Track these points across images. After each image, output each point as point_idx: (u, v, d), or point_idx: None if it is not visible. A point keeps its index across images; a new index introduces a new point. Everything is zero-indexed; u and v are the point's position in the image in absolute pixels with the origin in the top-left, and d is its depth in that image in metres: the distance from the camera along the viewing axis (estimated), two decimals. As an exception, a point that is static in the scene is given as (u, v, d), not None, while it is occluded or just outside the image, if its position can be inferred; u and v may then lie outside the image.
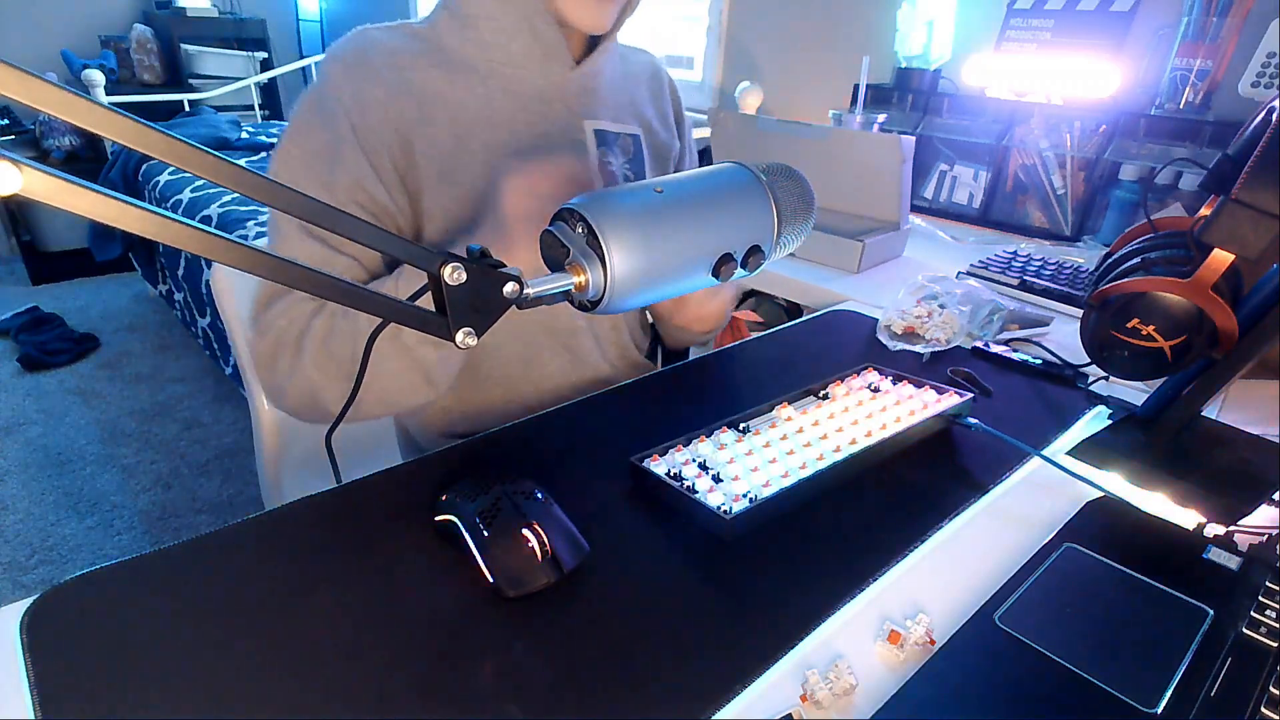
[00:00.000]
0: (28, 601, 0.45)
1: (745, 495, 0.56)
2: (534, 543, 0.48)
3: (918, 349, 0.85)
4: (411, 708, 0.40)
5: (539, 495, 0.52)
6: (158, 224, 0.31)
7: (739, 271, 0.47)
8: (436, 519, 0.52)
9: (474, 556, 0.48)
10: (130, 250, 2.75)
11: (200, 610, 0.45)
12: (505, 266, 0.41)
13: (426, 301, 0.41)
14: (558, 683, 0.42)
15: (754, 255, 0.47)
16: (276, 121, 3.40)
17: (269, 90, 3.43)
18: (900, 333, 0.88)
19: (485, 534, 0.48)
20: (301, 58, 3.40)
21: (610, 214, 0.42)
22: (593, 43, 0.75)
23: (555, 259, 0.44)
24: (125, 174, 2.69)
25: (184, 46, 3.18)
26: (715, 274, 0.46)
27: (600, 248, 0.42)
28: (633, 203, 0.44)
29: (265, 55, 3.36)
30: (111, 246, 2.73)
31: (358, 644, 0.44)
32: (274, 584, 0.48)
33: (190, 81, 3.16)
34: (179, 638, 0.43)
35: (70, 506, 1.77)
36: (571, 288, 0.43)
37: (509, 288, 0.40)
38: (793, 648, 0.45)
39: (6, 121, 2.94)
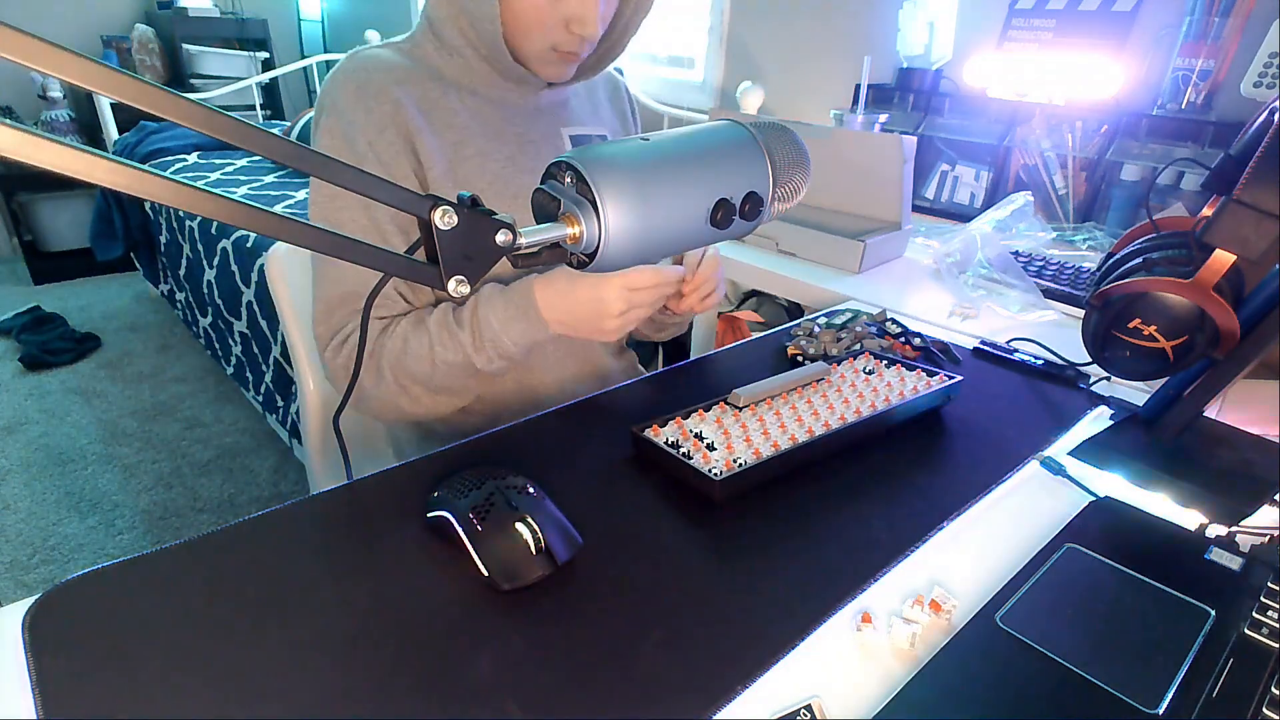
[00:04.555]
0: (30, 600, 0.45)
1: (735, 460, 0.58)
2: (527, 536, 0.48)
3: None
4: (411, 705, 0.40)
5: (531, 490, 0.52)
6: (130, 176, 0.30)
7: (739, 222, 0.46)
8: (429, 515, 0.52)
9: (468, 551, 0.48)
10: (132, 250, 2.75)
11: (201, 609, 0.46)
12: (497, 214, 0.41)
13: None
14: (556, 677, 0.42)
15: (752, 202, 0.46)
16: (277, 121, 3.41)
17: (270, 90, 3.44)
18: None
19: (479, 528, 0.49)
20: (303, 58, 3.40)
21: (599, 160, 0.42)
22: None
23: (547, 213, 0.44)
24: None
25: (185, 46, 3.18)
26: (714, 222, 0.45)
27: (591, 193, 0.41)
28: (621, 150, 0.43)
29: (267, 55, 3.36)
30: (113, 246, 2.73)
31: (358, 641, 0.44)
32: (275, 583, 0.48)
33: (192, 81, 3.16)
34: (180, 636, 0.43)
35: (72, 506, 1.78)
36: (565, 239, 0.43)
37: (501, 236, 0.40)
38: (794, 647, 0.45)
39: (9, 121, 2.94)
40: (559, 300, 0.68)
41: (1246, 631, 0.45)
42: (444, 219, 0.38)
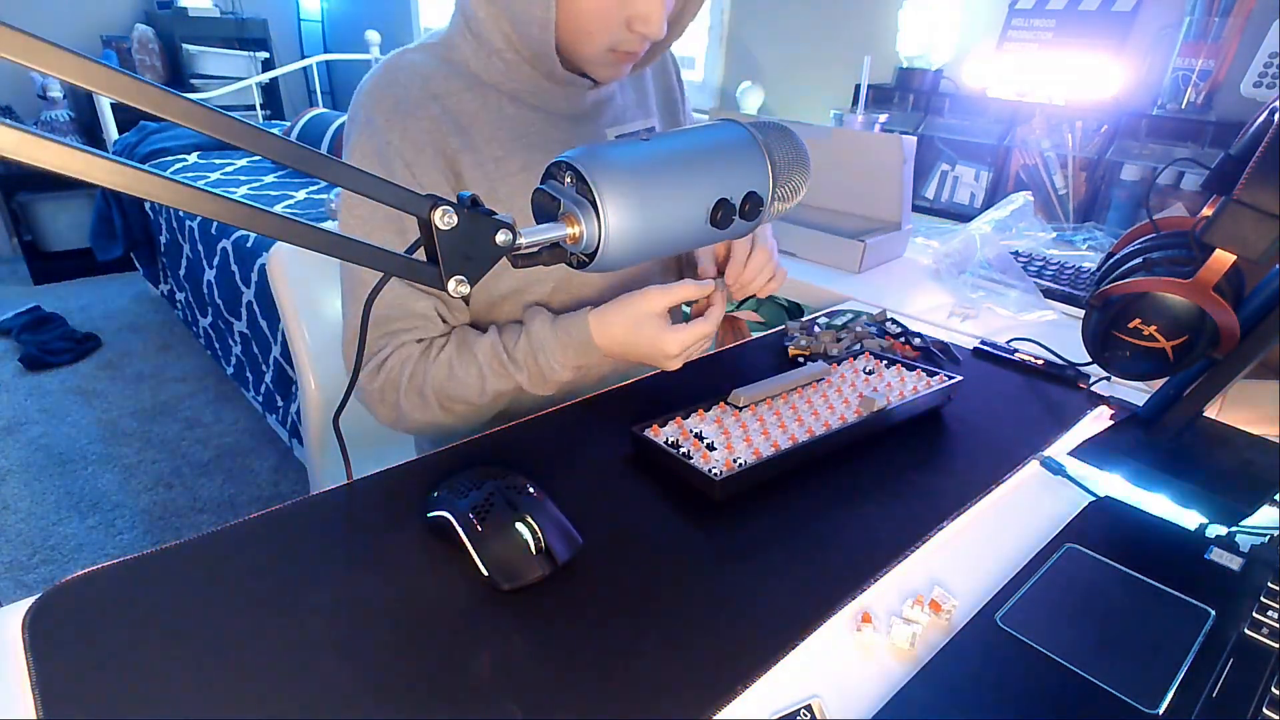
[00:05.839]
0: (30, 600, 0.45)
1: (735, 460, 0.59)
2: (527, 536, 0.48)
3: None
4: (411, 705, 0.40)
5: (531, 490, 0.52)
6: (130, 176, 0.30)
7: (738, 222, 0.47)
8: (429, 515, 0.52)
9: (468, 551, 0.48)
10: (132, 250, 2.76)
11: (201, 609, 0.46)
12: (496, 214, 0.41)
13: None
14: (556, 677, 0.42)
15: (751, 202, 0.46)
16: (277, 121, 3.41)
17: (270, 90, 3.43)
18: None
19: (479, 528, 0.49)
20: (303, 58, 3.40)
21: (599, 160, 0.42)
22: None
23: (548, 213, 0.44)
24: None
25: (185, 46, 3.18)
26: (714, 222, 0.45)
27: (591, 194, 0.41)
28: (621, 150, 0.44)
29: (267, 55, 3.36)
30: (113, 246, 2.73)
31: (358, 641, 0.44)
32: (274, 583, 0.48)
33: (192, 81, 3.16)
34: (180, 636, 0.43)
35: (72, 506, 1.78)
36: (565, 239, 0.43)
37: (501, 236, 0.40)
38: (794, 647, 0.45)
39: (9, 120, 2.95)
40: (617, 347, 0.67)
41: (1246, 631, 0.45)
42: (444, 219, 0.38)
